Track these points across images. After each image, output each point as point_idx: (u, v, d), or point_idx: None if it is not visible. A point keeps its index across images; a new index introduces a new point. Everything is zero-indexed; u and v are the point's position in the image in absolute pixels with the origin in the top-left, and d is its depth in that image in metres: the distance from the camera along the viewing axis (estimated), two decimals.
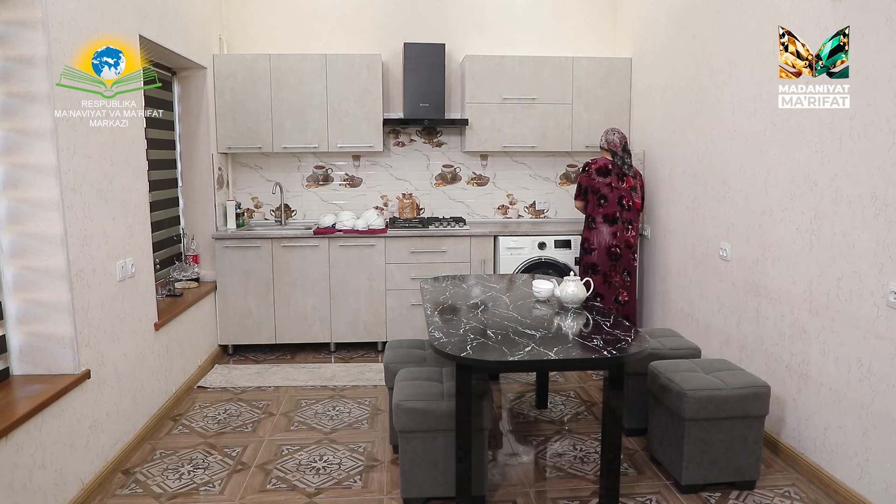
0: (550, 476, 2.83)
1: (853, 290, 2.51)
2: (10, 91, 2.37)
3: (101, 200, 2.75)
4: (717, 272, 3.51)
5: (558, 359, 2.21)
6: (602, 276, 4.12)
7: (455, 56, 4.91)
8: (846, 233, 2.54)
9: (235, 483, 2.75)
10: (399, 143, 4.99)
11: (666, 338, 3.24)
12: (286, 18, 4.80)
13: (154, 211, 3.55)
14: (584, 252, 4.19)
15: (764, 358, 3.09)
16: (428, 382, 2.62)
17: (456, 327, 2.52)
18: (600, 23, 5.02)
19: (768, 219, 3.03)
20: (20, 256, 2.43)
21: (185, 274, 4.09)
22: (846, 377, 2.56)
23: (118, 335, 2.89)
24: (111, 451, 2.82)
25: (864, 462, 2.47)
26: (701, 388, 2.58)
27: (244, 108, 4.47)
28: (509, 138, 4.70)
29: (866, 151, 2.42)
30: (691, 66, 3.75)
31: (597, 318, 2.67)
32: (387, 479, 2.79)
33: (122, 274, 2.93)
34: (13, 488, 2.13)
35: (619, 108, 4.74)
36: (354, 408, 3.58)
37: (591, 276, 4.02)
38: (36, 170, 2.41)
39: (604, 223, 4.12)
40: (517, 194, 5.12)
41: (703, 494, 2.65)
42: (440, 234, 4.49)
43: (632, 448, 3.07)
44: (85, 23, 2.63)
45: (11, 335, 2.46)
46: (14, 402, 2.24)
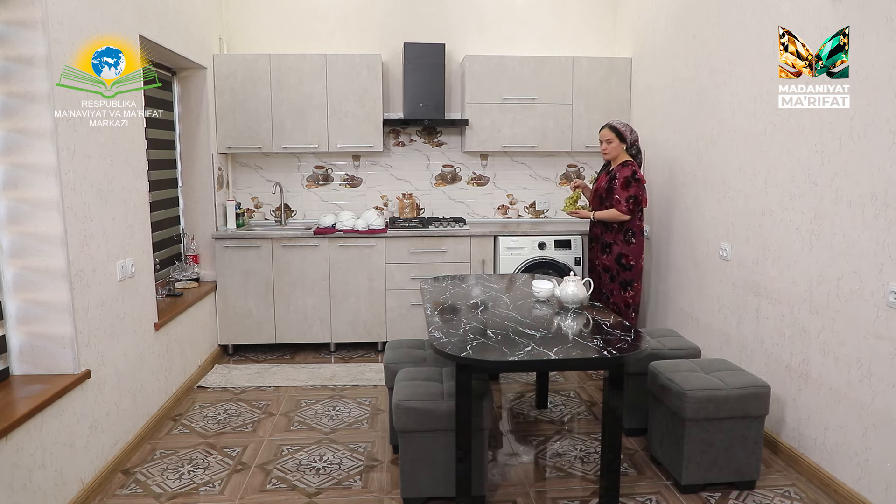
0: (550, 476, 2.83)
1: (853, 290, 2.51)
2: (10, 91, 2.37)
3: (101, 200, 2.75)
4: (717, 272, 3.52)
5: (558, 359, 2.21)
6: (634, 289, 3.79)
7: (455, 56, 4.91)
8: (846, 233, 2.54)
9: (235, 483, 2.75)
10: (399, 143, 4.99)
11: (666, 338, 3.24)
12: (286, 18, 4.80)
13: (154, 211, 3.55)
14: (622, 269, 3.72)
15: (764, 358, 3.09)
16: (428, 382, 2.62)
17: (456, 327, 2.52)
18: (600, 23, 5.02)
19: (768, 219, 3.03)
20: (20, 256, 2.43)
21: (185, 274, 4.09)
22: (846, 377, 2.56)
23: (118, 335, 2.89)
24: (111, 451, 2.82)
25: (864, 462, 2.47)
26: (701, 388, 2.58)
27: (244, 108, 4.47)
28: (509, 138, 4.70)
29: (866, 151, 2.42)
30: (691, 66, 3.75)
31: (597, 318, 2.67)
32: (387, 479, 2.79)
33: (122, 274, 2.93)
34: (13, 488, 2.13)
35: (619, 108, 4.74)
36: (354, 408, 3.58)
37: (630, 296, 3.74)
38: (36, 170, 2.41)
39: (641, 234, 3.75)
40: (517, 194, 5.12)
41: (703, 494, 2.65)
42: (440, 234, 4.49)
43: (632, 448, 3.07)
44: (85, 23, 2.63)
45: (11, 335, 2.46)
46: (14, 402, 2.24)
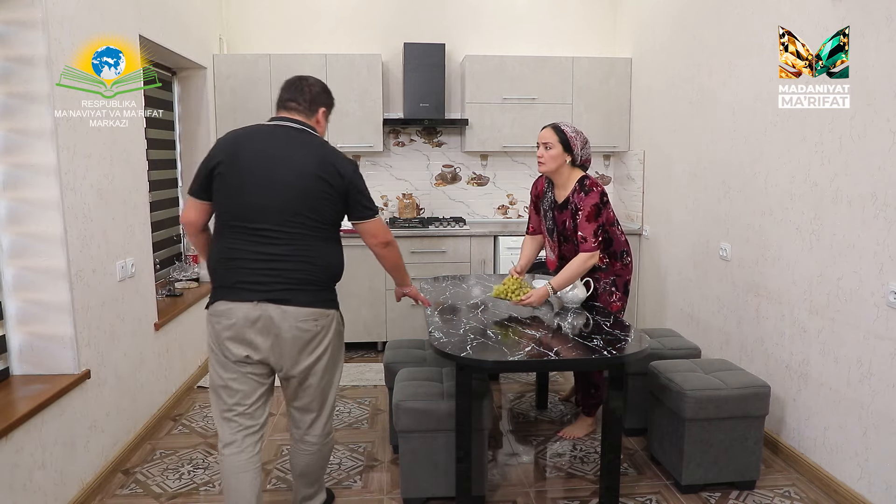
0: (550, 476, 2.83)
1: (853, 290, 2.51)
2: (10, 91, 2.37)
3: (101, 200, 2.75)
4: (717, 272, 3.51)
5: (558, 359, 2.21)
6: None
7: (455, 56, 4.91)
8: (846, 233, 2.54)
9: None
10: (399, 143, 4.99)
11: (666, 338, 3.24)
12: (286, 18, 4.80)
13: (154, 211, 3.55)
14: (624, 293, 3.08)
15: (764, 358, 3.09)
16: (428, 382, 2.62)
17: (456, 327, 2.52)
18: (600, 23, 5.02)
19: (768, 219, 3.03)
20: (20, 256, 2.43)
21: (185, 274, 4.09)
22: (846, 377, 2.56)
23: (118, 335, 2.89)
24: (111, 451, 2.82)
25: (864, 462, 2.47)
26: (701, 388, 2.58)
27: (244, 108, 4.47)
28: (509, 138, 4.70)
29: (866, 151, 2.42)
30: (691, 66, 3.75)
31: (597, 318, 2.67)
32: (387, 479, 2.79)
33: (122, 274, 2.93)
34: (13, 488, 2.13)
35: (619, 108, 4.74)
36: (354, 408, 3.58)
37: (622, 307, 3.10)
38: (36, 170, 2.40)
39: (629, 246, 3.12)
40: (517, 194, 5.12)
41: (703, 494, 2.65)
42: (440, 234, 4.49)
43: (632, 448, 3.07)
44: (85, 23, 2.63)
45: (11, 335, 2.46)
46: (14, 402, 2.24)
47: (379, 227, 2.21)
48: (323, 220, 2.07)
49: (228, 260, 2.04)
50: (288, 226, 2.01)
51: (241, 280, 2.02)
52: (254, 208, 2.01)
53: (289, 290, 2.02)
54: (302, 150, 2.06)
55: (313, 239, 2.06)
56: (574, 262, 2.78)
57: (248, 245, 2.02)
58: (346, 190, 2.08)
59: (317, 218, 2.05)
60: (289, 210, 2.01)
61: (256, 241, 2.01)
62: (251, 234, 2.02)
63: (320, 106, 2.19)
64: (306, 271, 2.04)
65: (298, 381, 2.13)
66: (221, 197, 2.06)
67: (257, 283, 2.01)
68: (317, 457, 2.26)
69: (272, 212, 2.00)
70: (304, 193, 2.02)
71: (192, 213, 2.12)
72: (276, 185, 2.00)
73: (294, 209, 2.01)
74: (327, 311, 2.10)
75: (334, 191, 2.06)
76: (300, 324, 2.03)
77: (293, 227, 2.02)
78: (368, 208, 2.16)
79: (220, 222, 2.09)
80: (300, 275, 2.03)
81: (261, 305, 2.00)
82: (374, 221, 2.18)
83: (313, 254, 2.05)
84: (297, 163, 2.03)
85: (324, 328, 2.09)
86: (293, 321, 2.02)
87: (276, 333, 2.02)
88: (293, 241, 2.02)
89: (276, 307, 2.00)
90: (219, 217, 2.09)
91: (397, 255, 2.38)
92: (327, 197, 2.05)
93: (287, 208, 2.01)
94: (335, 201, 2.08)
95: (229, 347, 2.04)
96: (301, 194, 2.01)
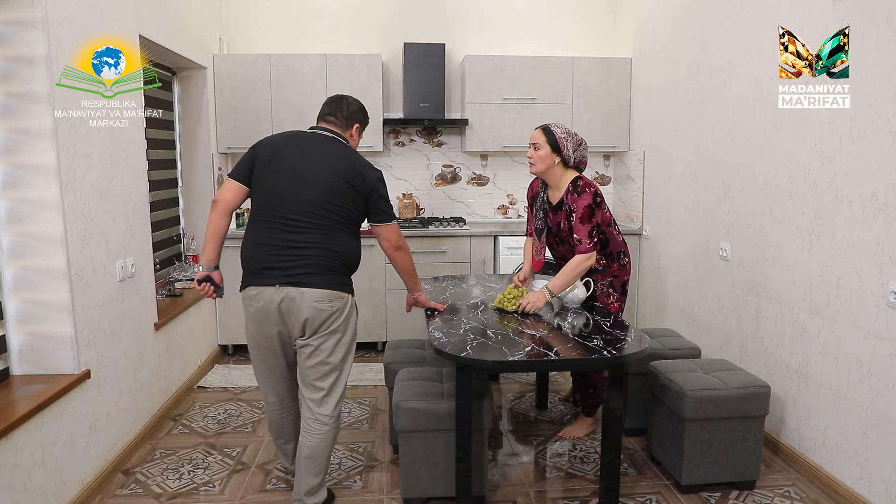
0: (550, 476, 2.83)
1: (853, 290, 2.51)
2: (10, 91, 2.37)
3: (101, 200, 2.75)
4: (717, 272, 3.51)
5: (558, 359, 2.21)
6: None
7: (455, 56, 4.91)
8: (846, 233, 2.54)
9: (235, 483, 2.75)
10: (399, 143, 4.99)
11: (666, 338, 3.24)
12: (286, 18, 4.80)
13: (154, 211, 3.55)
14: (622, 294, 3.06)
15: (764, 358, 3.08)
16: (428, 382, 2.62)
17: (456, 327, 2.52)
18: (600, 23, 5.03)
19: (768, 219, 3.03)
20: (20, 256, 2.43)
21: (185, 274, 4.09)
22: (846, 377, 2.56)
23: (118, 335, 2.89)
24: (111, 451, 2.82)
25: (864, 462, 2.47)
26: (701, 388, 2.58)
27: (244, 108, 4.47)
28: (509, 138, 4.70)
29: (866, 151, 2.42)
30: (691, 66, 3.75)
31: (597, 318, 2.67)
32: (387, 479, 2.79)
33: (122, 274, 2.93)
34: (13, 488, 2.13)
35: (619, 108, 4.74)
36: (354, 408, 3.58)
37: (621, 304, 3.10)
38: (36, 170, 2.40)
39: (626, 247, 3.10)
40: (517, 194, 5.12)
41: (703, 494, 2.65)
42: (440, 234, 4.49)
43: (632, 448, 3.07)
44: (85, 23, 2.63)
45: (11, 335, 2.46)
46: (14, 402, 2.24)
47: (394, 232, 2.44)
48: (345, 216, 2.30)
49: (257, 246, 2.29)
50: (313, 217, 2.25)
51: (267, 265, 2.26)
52: (284, 200, 2.26)
53: (307, 273, 2.24)
54: (333, 154, 2.33)
55: (335, 231, 2.29)
56: (570, 265, 2.77)
57: (276, 233, 2.26)
58: (368, 193, 2.33)
59: (340, 213, 2.29)
60: (315, 203, 2.25)
61: (283, 230, 2.25)
62: (280, 223, 2.26)
63: (355, 122, 2.47)
64: (325, 257, 2.26)
65: (313, 349, 2.30)
66: (258, 187, 2.32)
67: (279, 267, 2.24)
68: (325, 437, 2.36)
69: (300, 203, 2.25)
70: (331, 191, 2.26)
71: (229, 193, 2.36)
72: (306, 181, 2.26)
73: (320, 203, 2.25)
74: (342, 294, 2.31)
75: (357, 193, 2.30)
76: (315, 304, 2.24)
77: (317, 219, 2.25)
78: (387, 213, 2.39)
79: (253, 212, 2.34)
80: (318, 260, 2.25)
81: (283, 289, 2.23)
82: (390, 226, 2.42)
83: (333, 242, 2.28)
84: (327, 164, 2.29)
85: (338, 310, 2.29)
86: (310, 301, 2.23)
87: (296, 313, 2.24)
88: (316, 230, 2.26)
89: (295, 289, 2.23)
90: (253, 208, 2.35)
91: (409, 260, 2.56)
92: (350, 197, 2.29)
93: (314, 201, 2.25)
94: (357, 202, 2.32)
95: (260, 326, 2.31)
96: (328, 191, 2.26)
